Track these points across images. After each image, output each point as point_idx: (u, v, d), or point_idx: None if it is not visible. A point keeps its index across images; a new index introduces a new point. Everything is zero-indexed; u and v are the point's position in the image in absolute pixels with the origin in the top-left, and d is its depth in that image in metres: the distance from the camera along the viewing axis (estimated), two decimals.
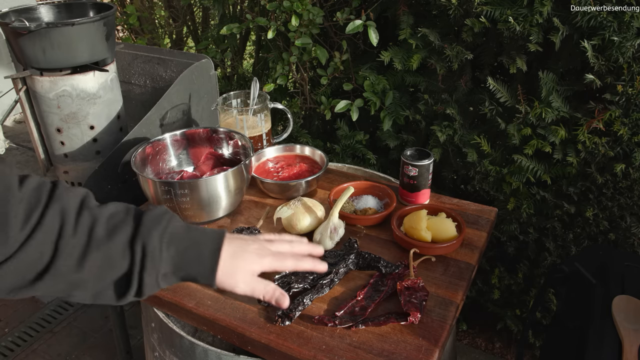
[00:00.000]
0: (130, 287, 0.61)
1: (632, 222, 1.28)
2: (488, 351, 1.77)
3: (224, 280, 0.67)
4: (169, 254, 0.63)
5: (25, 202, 0.57)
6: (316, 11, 1.51)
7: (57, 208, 0.59)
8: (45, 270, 0.57)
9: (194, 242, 0.66)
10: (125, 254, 0.61)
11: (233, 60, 2.08)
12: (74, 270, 0.58)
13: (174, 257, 0.64)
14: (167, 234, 0.63)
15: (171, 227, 0.64)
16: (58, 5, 1.27)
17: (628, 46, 1.13)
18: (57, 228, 0.58)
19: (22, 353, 1.77)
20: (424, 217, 1.00)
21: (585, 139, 1.24)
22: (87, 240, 0.59)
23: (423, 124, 1.54)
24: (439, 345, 0.79)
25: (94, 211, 0.62)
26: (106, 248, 0.60)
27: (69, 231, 0.58)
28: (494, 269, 1.57)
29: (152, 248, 0.61)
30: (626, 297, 0.90)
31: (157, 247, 0.62)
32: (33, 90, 1.19)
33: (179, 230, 0.65)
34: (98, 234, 0.60)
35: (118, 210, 0.64)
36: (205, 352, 0.86)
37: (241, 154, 1.21)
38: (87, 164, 1.27)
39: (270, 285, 0.71)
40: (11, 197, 0.55)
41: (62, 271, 0.58)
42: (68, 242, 0.58)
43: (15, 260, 0.55)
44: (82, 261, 0.59)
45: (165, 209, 0.67)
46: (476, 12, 1.27)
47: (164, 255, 0.63)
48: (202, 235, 0.67)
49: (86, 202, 0.62)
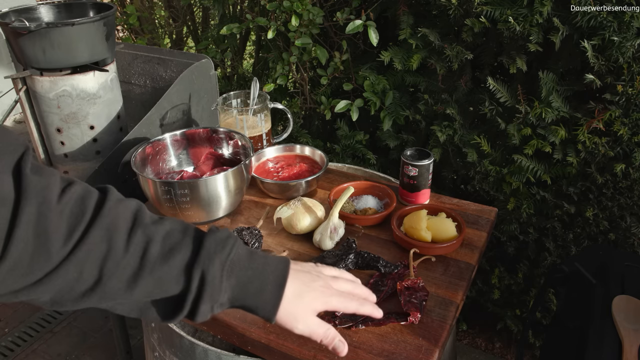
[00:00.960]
0: (180, 311, 0.58)
1: (632, 222, 1.28)
2: (488, 351, 1.77)
3: (284, 318, 0.64)
4: (229, 284, 0.59)
5: (67, 215, 0.52)
6: (316, 11, 1.51)
7: (104, 224, 0.54)
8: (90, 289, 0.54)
9: (256, 273, 0.62)
10: (180, 279, 0.57)
11: (233, 60, 2.08)
12: (122, 291, 0.55)
13: (234, 287, 0.60)
14: (228, 262, 0.59)
15: (234, 254, 0.60)
16: (58, 5, 1.27)
17: (628, 46, 1.13)
18: (104, 247, 0.54)
19: (22, 353, 1.77)
20: (424, 217, 1.00)
21: (585, 139, 1.24)
22: (140, 263, 0.55)
23: (423, 124, 1.54)
24: (439, 345, 0.79)
25: (149, 229, 0.57)
26: (160, 271, 0.56)
27: (119, 251, 0.54)
28: (494, 269, 1.57)
29: (212, 277, 0.57)
30: (626, 297, 0.90)
31: (218, 277, 0.58)
32: (33, 90, 1.19)
33: (241, 258, 0.61)
34: (152, 255, 0.56)
35: (174, 228, 0.59)
36: (205, 352, 0.86)
37: (241, 154, 1.21)
38: (87, 164, 1.27)
39: (330, 331, 0.68)
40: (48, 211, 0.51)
41: (109, 292, 0.55)
42: (118, 263, 0.54)
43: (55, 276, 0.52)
44: (132, 284, 0.55)
45: (228, 232, 0.62)
46: (476, 12, 1.27)
47: (224, 285, 0.59)
48: (265, 265, 0.63)
49: (140, 218, 0.57)
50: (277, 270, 0.63)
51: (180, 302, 0.58)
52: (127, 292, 0.55)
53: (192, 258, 0.57)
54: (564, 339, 1.01)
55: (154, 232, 0.57)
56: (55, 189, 0.53)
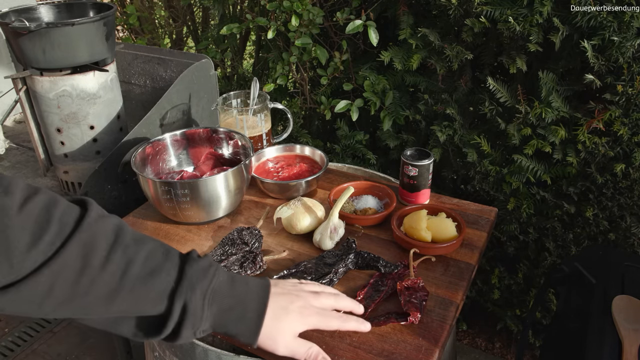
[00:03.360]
0: (161, 332, 0.59)
1: (632, 222, 1.28)
2: (488, 351, 1.77)
3: (265, 342, 0.65)
4: (210, 312, 0.61)
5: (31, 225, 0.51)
6: (316, 11, 1.51)
7: (82, 240, 0.53)
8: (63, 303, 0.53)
9: (237, 301, 0.63)
10: (159, 302, 0.57)
11: (233, 60, 2.08)
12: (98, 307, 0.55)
13: (215, 315, 0.61)
14: (210, 291, 0.60)
15: (215, 283, 0.61)
16: (58, 5, 1.27)
17: (628, 46, 1.13)
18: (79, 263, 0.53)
19: (22, 353, 1.77)
20: (424, 217, 0.99)
21: (585, 139, 1.24)
22: (119, 282, 0.55)
23: (423, 124, 1.54)
24: (439, 345, 0.79)
25: (130, 249, 0.56)
26: (139, 292, 0.56)
27: (95, 269, 0.53)
28: (494, 269, 1.57)
29: (194, 307, 0.58)
30: (626, 297, 0.90)
31: (200, 306, 0.59)
32: (33, 90, 1.19)
33: (223, 286, 0.62)
34: (132, 275, 0.55)
35: (156, 249, 0.59)
36: (205, 352, 0.86)
37: (241, 154, 1.21)
38: (87, 164, 1.27)
39: (312, 349, 0.69)
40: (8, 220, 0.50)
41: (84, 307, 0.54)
42: (93, 281, 0.53)
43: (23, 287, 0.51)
44: (109, 301, 0.55)
45: (209, 260, 0.63)
46: (476, 12, 1.27)
47: (205, 315, 0.60)
48: (246, 292, 0.65)
49: (120, 237, 0.57)
50: (258, 298, 0.65)
51: (160, 324, 0.59)
52: (104, 308, 0.55)
53: (174, 286, 0.58)
54: (564, 339, 1.01)
55: (135, 252, 0.57)
56: (16, 198, 0.52)
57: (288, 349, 0.67)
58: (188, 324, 0.59)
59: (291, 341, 0.67)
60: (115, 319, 0.59)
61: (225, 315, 0.62)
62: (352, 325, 0.73)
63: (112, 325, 0.59)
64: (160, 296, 0.58)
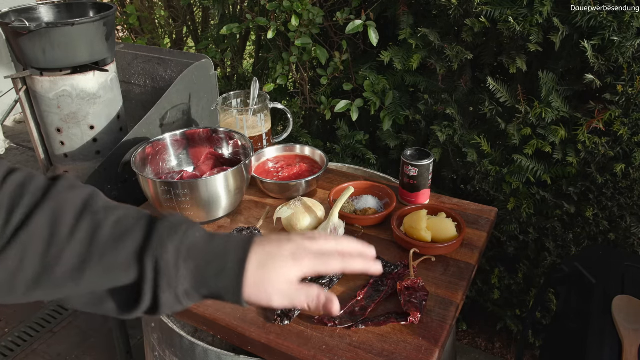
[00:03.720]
0: (140, 301, 0.54)
1: (632, 222, 1.28)
2: (488, 351, 1.77)
3: (255, 294, 0.56)
4: (187, 269, 0.55)
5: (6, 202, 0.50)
6: (316, 11, 1.51)
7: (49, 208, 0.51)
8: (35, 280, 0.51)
9: (216, 254, 0.56)
10: (131, 266, 0.53)
11: (233, 60, 2.08)
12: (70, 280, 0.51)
13: (193, 272, 0.55)
14: (184, 246, 0.55)
15: (190, 238, 0.56)
16: (58, 5, 1.27)
17: (628, 46, 1.13)
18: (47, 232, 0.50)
19: (22, 353, 1.77)
20: (424, 217, 1.00)
21: (585, 139, 1.24)
22: (88, 249, 0.51)
23: (423, 124, 1.54)
24: (439, 345, 0.79)
25: (99, 215, 0.53)
26: (109, 257, 0.52)
27: (63, 236, 0.51)
28: (494, 269, 1.57)
29: (166, 263, 0.53)
30: (626, 297, 0.90)
31: (173, 262, 0.54)
32: (33, 90, 1.19)
33: (199, 240, 0.56)
34: (100, 241, 0.52)
35: (128, 214, 0.55)
36: (205, 352, 0.86)
37: (241, 154, 1.21)
38: (87, 164, 1.27)
39: (312, 290, 0.59)
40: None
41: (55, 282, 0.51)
42: (62, 250, 0.51)
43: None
44: (79, 272, 0.51)
45: (183, 217, 0.58)
46: (476, 12, 1.27)
47: (181, 272, 0.54)
48: (225, 244, 0.57)
49: (90, 204, 0.54)
50: (239, 247, 0.57)
51: (138, 292, 0.54)
52: (75, 281, 0.51)
53: (142, 244, 0.53)
54: (564, 339, 1.01)
55: (104, 218, 0.53)
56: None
57: (285, 296, 0.58)
58: (164, 285, 0.53)
59: (287, 287, 0.58)
60: (100, 297, 0.54)
61: (203, 271, 0.55)
62: (358, 265, 0.62)
63: (97, 304, 0.55)
64: (129, 259, 0.53)
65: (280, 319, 0.83)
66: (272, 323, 0.83)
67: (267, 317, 0.85)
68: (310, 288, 0.59)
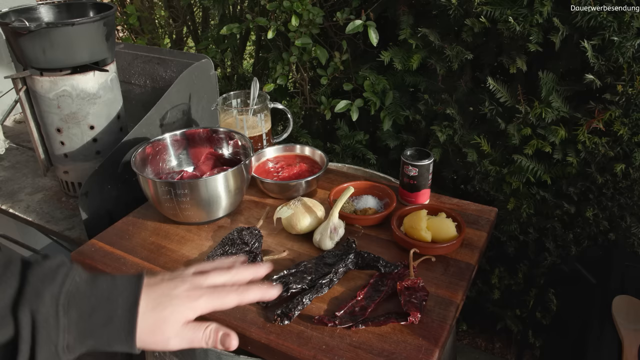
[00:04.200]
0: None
1: (632, 222, 1.28)
2: (488, 351, 1.77)
3: (149, 340, 0.53)
4: (69, 320, 0.49)
5: None
6: (316, 11, 1.51)
7: None
8: None
9: (102, 300, 0.51)
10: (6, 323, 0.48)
11: (233, 60, 2.08)
12: None
13: (77, 322, 0.50)
14: (63, 294, 0.50)
15: (69, 284, 0.51)
16: (58, 5, 1.27)
17: (628, 46, 1.13)
18: None
19: None
20: (424, 217, 1.00)
21: (585, 139, 1.24)
22: None
23: (423, 124, 1.54)
24: (439, 345, 0.79)
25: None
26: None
27: None
28: (494, 269, 1.57)
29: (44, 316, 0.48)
30: (626, 297, 0.91)
31: (52, 314, 0.48)
32: (33, 90, 1.19)
33: (80, 286, 0.51)
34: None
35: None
36: (205, 352, 0.86)
37: (241, 154, 1.21)
38: (87, 164, 1.27)
39: (209, 328, 0.57)
40: None
41: None
42: None
43: None
44: None
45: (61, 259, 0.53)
46: (476, 12, 1.27)
47: (62, 323, 0.49)
48: (111, 287, 0.53)
49: None
50: (127, 290, 0.53)
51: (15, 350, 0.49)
52: None
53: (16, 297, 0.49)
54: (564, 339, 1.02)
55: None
56: None
57: (182, 339, 0.55)
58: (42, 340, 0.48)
59: (182, 329, 0.55)
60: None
61: (89, 320, 0.50)
62: (254, 295, 0.60)
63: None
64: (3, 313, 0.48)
65: (280, 319, 0.83)
66: (272, 323, 0.83)
67: (267, 317, 0.85)
68: (206, 326, 0.57)
